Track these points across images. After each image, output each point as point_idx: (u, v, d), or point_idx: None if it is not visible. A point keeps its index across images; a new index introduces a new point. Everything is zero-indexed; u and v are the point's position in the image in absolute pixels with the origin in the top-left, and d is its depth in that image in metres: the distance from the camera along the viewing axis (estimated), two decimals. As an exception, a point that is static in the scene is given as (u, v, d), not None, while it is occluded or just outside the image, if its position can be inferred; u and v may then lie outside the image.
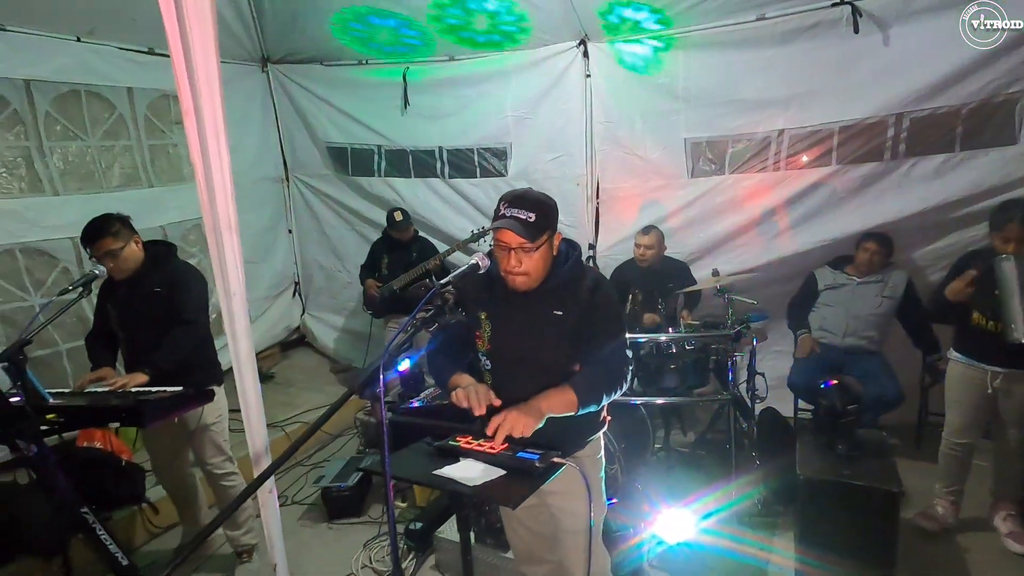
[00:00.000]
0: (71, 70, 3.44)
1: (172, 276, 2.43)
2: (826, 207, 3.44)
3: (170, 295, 2.39)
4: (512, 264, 1.52)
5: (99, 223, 2.33)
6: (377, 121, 4.42)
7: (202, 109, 1.17)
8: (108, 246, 2.30)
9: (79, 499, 2.13)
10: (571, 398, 1.50)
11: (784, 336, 3.68)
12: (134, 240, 2.38)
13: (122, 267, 2.35)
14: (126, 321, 2.45)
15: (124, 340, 2.50)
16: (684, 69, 3.51)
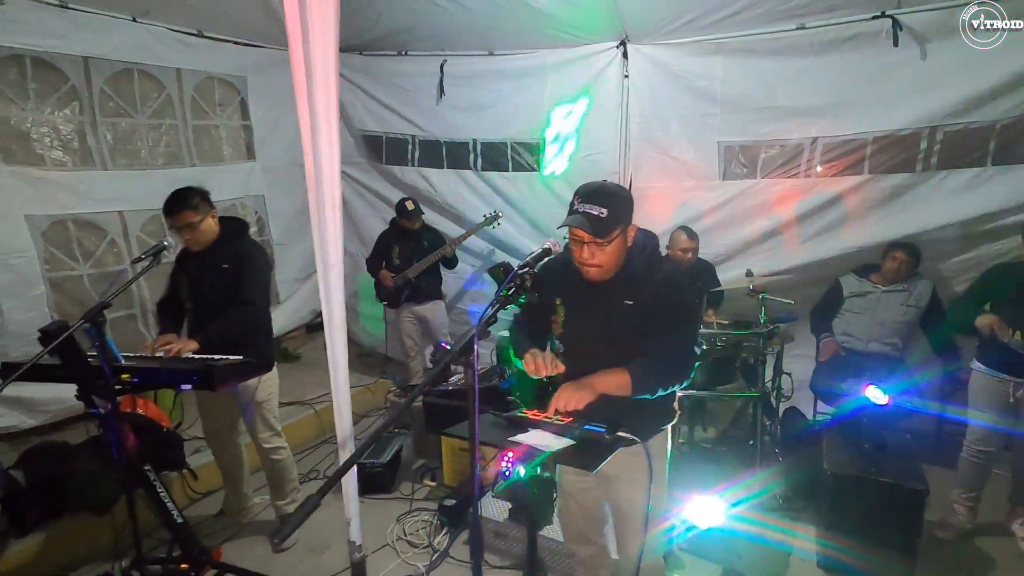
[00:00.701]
0: (126, 49, 3.56)
1: (240, 254, 2.53)
2: (855, 215, 3.51)
3: (236, 272, 2.49)
4: (585, 256, 1.58)
5: (181, 195, 2.43)
6: (413, 111, 4.51)
7: (315, 95, 1.25)
8: (188, 219, 2.41)
9: (143, 456, 2.24)
10: (625, 381, 1.56)
11: (806, 340, 3.74)
12: (211, 214, 2.49)
13: (198, 239, 2.46)
14: (193, 292, 2.57)
15: (190, 309, 2.62)
16: (722, 74, 3.58)
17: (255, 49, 4.34)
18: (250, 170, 4.45)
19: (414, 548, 2.73)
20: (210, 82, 4.16)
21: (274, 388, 2.72)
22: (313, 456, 3.67)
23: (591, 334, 1.68)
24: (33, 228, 3.18)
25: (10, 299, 3.14)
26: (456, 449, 3.18)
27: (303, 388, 4.23)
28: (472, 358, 1.20)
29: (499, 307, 1.35)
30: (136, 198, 3.69)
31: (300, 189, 4.86)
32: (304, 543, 2.80)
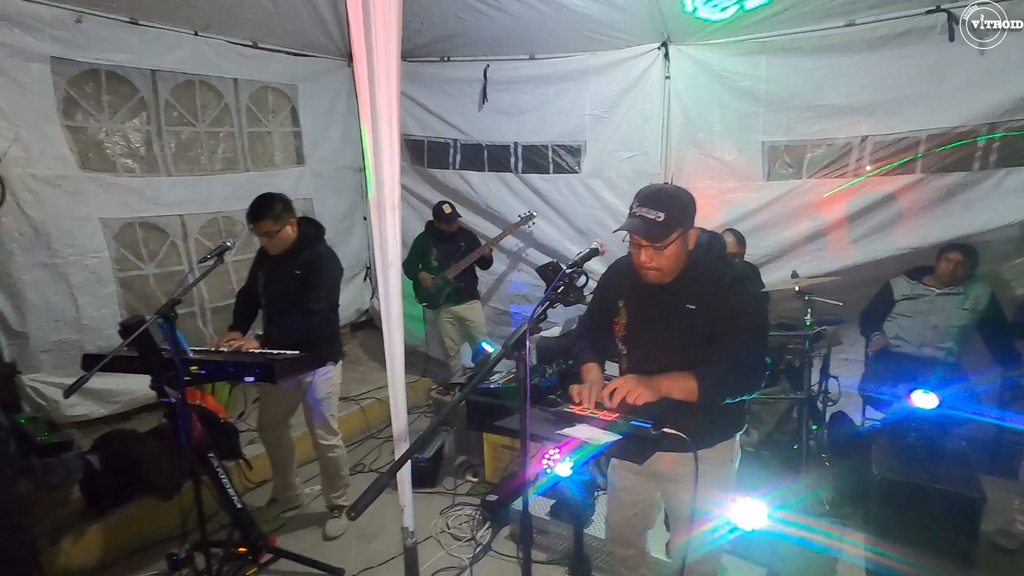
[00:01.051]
0: (189, 61, 3.76)
1: (312, 262, 2.65)
2: (907, 215, 3.41)
3: (306, 279, 2.62)
4: (643, 260, 1.58)
5: (265, 203, 2.57)
6: (455, 116, 4.61)
7: (378, 103, 1.33)
8: (268, 228, 2.56)
9: (208, 444, 2.39)
10: (692, 386, 1.55)
11: (853, 344, 3.67)
12: (290, 223, 2.63)
13: (276, 246, 2.62)
14: (268, 291, 2.74)
15: (264, 305, 2.79)
16: (767, 73, 3.54)
17: (305, 58, 4.52)
18: (300, 174, 4.64)
19: (458, 541, 2.81)
20: (264, 91, 4.35)
21: (335, 387, 2.85)
22: (359, 451, 3.79)
23: (652, 338, 1.67)
24: (107, 230, 3.41)
25: (85, 296, 3.37)
26: (497, 446, 3.24)
27: (348, 385, 4.36)
28: (524, 352, 1.26)
29: (548, 305, 1.40)
30: (195, 202, 3.90)
31: (345, 192, 5.13)
32: (354, 532, 2.92)
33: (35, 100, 3.06)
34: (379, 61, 1.30)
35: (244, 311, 2.84)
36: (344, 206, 5.14)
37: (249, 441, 3.47)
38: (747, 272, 1.79)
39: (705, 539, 1.86)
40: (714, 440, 1.72)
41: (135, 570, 2.67)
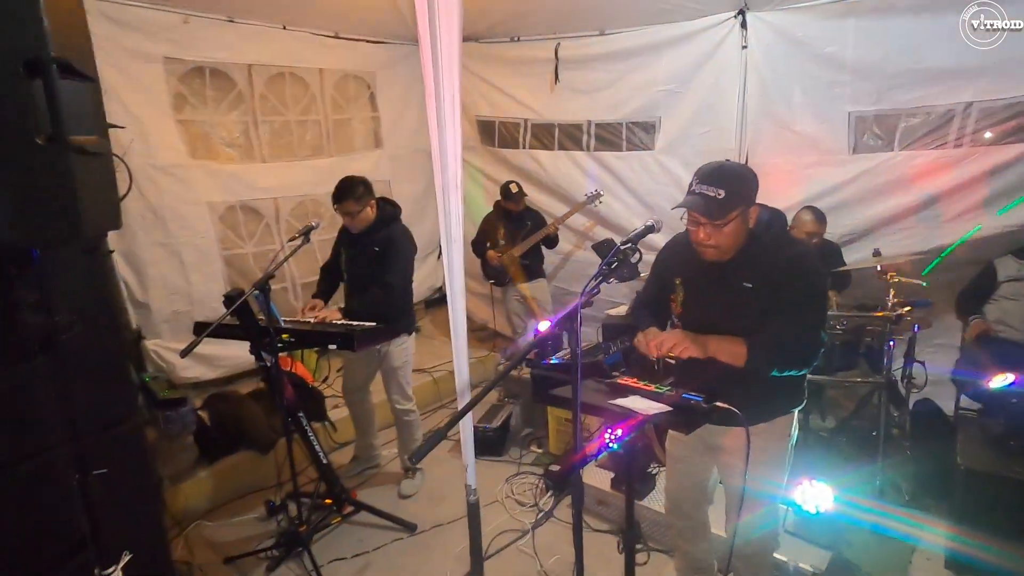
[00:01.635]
0: (279, 54, 4.06)
1: (389, 239, 2.88)
2: (1016, 189, 3.09)
3: (383, 256, 2.84)
4: (701, 237, 1.60)
5: (348, 186, 2.80)
6: (527, 95, 4.64)
7: (442, 87, 1.43)
8: (350, 208, 2.79)
9: (299, 404, 2.66)
10: (740, 351, 1.57)
11: (949, 329, 3.41)
12: (370, 204, 2.85)
13: (357, 225, 2.86)
14: (350, 266, 2.98)
15: (345, 280, 3.04)
16: (855, 38, 3.30)
17: (382, 46, 4.73)
18: (378, 158, 4.89)
19: (521, 507, 2.95)
20: (345, 79, 4.60)
21: (409, 357, 3.07)
22: (432, 419, 4.03)
23: (709, 316, 1.68)
24: (212, 213, 3.80)
25: (196, 272, 3.79)
26: (561, 419, 3.34)
27: (422, 358, 4.61)
28: (576, 324, 1.33)
29: (602, 279, 1.45)
30: (286, 186, 4.23)
31: (420, 174, 5.35)
32: (424, 494, 3.14)
33: (151, 97, 3.44)
34: (442, 45, 1.39)
35: (326, 283, 3.09)
36: (420, 187, 5.34)
37: (334, 406, 3.79)
38: (808, 250, 1.72)
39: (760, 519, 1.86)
40: (772, 415, 1.72)
41: (238, 513, 3.02)
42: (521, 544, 2.65)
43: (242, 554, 2.63)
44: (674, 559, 2.32)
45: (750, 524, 1.84)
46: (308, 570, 2.53)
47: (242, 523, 2.94)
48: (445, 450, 3.61)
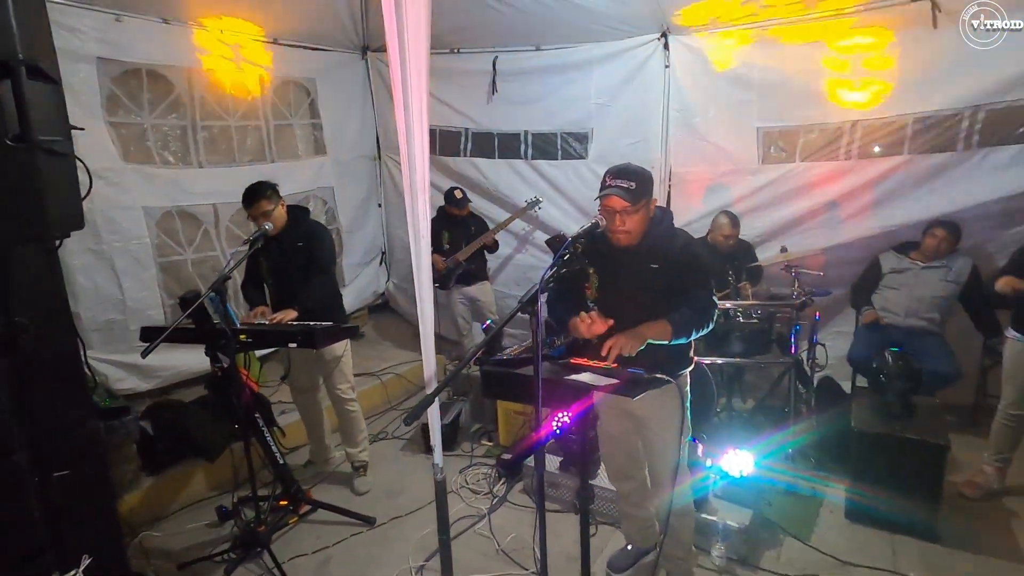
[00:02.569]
0: (218, 59, 4.00)
1: (310, 232, 2.95)
2: (895, 195, 3.60)
3: (308, 248, 2.91)
4: (617, 224, 1.91)
5: (257, 188, 2.84)
6: (466, 105, 4.81)
7: (410, 94, 1.57)
8: (264, 207, 2.81)
9: (254, 405, 2.68)
10: (667, 329, 1.89)
11: (846, 318, 3.90)
12: (281, 204, 2.90)
13: (274, 225, 2.87)
14: (275, 269, 2.99)
15: (272, 285, 3.05)
16: (761, 61, 3.74)
17: (322, 53, 4.76)
18: (321, 165, 4.89)
19: (476, 495, 3.09)
20: (286, 85, 4.59)
21: (348, 346, 3.14)
22: (381, 421, 4.09)
23: (623, 296, 2.00)
24: (148, 218, 3.69)
25: (129, 279, 3.65)
26: (511, 412, 3.52)
27: (369, 362, 4.68)
28: (537, 308, 1.52)
29: (557, 269, 1.66)
30: (226, 192, 4.16)
31: (363, 181, 5.37)
32: (381, 488, 3.22)
33: (82, 98, 3.31)
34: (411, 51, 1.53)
35: (254, 296, 3.08)
36: (362, 193, 5.39)
37: (280, 412, 3.77)
38: (693, 238, 2.10)
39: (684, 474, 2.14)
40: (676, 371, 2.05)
41: (188, 522, 2.97)
42: (478, 528, 2.80)
43: (197, 559, 2.61)
44: (622, 526, 2.55)
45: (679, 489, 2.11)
46: (268, 569, 2.55)
47: (194, 530, 2.89)
48: (396, 448, 3.71)
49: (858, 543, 2.55)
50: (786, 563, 2.45)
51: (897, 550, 2.50)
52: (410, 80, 1.57)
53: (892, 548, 2.51)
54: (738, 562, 2.45)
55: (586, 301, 2.10)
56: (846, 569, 2.41)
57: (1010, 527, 2.66)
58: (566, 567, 2.41)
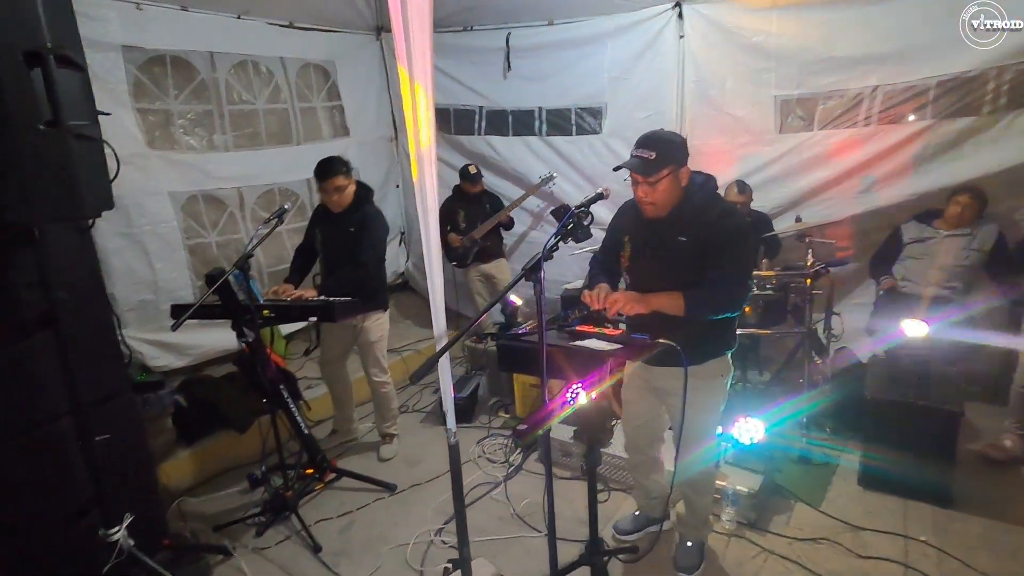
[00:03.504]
0: (240, 43, 4.09)
1: (363, 220, 3.02)
2: (918, 162, 3.52)
3: (359, 235, 2.98)
4: (640, 194, 1.87)
5: (330, 163, 2.91)
6: (480, 83, 4.82)
7: (414, 73, 1.62)
8: (339, 182, 2.90)
9: (279, 377, 2.81)
10: (679, 302, 1.82)
11: (866, 289, 3.85)
12: (353, 182, 2.97)
13: (341, 202, 2.97)
14: (326, 246, 3.10)
15: (322, 259, 3.16)
16: (777, 28, 3.65)
17: (339, 35, 4.80)
18: (346, 146, 4.98)
19: (492, 463, 3.20)
20: (306, 68, 4.66)
21: (384, 331, 3.24)
22: (402, 395, 4.20)
23: (650, 268, 1.95)
24: (175, 202, 3.83)
25: (160, 260, 3.81)
26: (526, 385, 3.60)
27: (389, 340, 4.75)
28: (540, 275, 1.57)
29: (560, 238, 1.70)
30: (251, 175, 4.28)
31: (383, 161, 5.43)
32: (402, 457, 3.35)
33: (109, 86, 3.43)
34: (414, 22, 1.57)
35: (300, 265, 3.21)
36: (381, 174, 5.46)
37: (306, 387, 3.92)
38: (735, 208, 1.98)
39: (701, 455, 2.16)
40: (706, 357, 1.99)
41: (221, 488, 3.14)
42: (494, 494, 2.90)
43: (230, 522, 2.77)
44: (632, 494, 2.62)
45: (694, 459, 2.14)
46: (295, 531, 2.70)
47: (226, 496, 3.06)
48: (417, 421, 3.83)
49: (870, 508, 2.57)
50: (795, 527, 2.49)
51: (909, 515, 2.52)
52: (415, 59, 1.61)
53: (904, 513, 2.53)
54: (747, 526, 2.49)
55: (620, 269, 2.10)
56: (856, 533, 2.43)
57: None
58: (576, 529, 2.50)
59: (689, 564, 2.27)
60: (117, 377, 2.18)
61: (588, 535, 2.02)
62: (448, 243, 4.46)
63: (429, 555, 2.51)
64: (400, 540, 2.61)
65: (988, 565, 2.21)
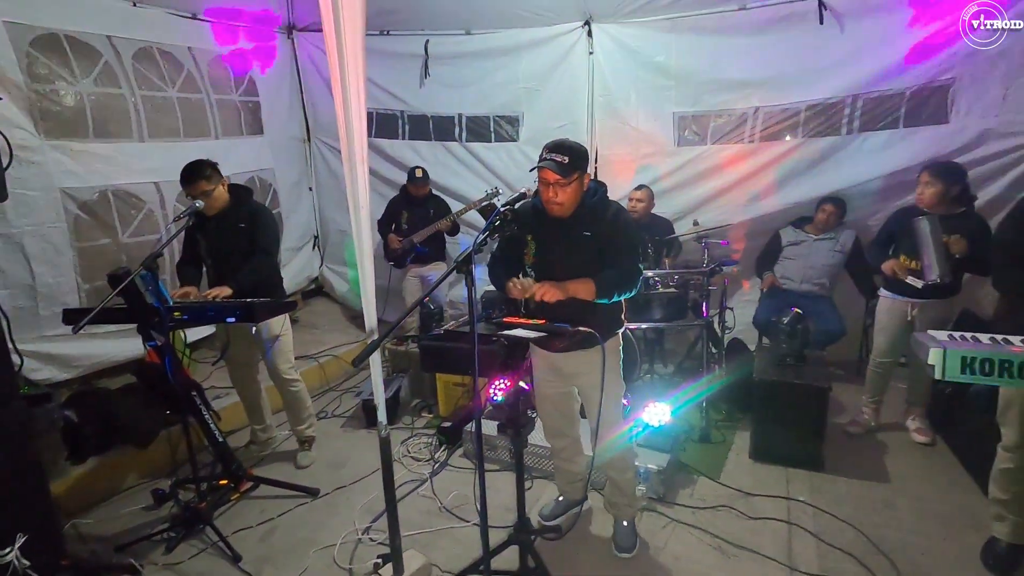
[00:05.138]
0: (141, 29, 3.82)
1: (253, 214, 2.93)
2: (792, 175, 4.02)
3: (252, 229, 2.89)
4: (550, 195, 2.05)
5: (195, 168, 2.79)
6: (400, 88, 4.85)
7: (347, 71, 1.65)
8: (203, 187, 2.77)
9: (192, 383, 2.67)
10: (591, 288, 2.04)
11: (753, 287, 4.31)
12: (222, 183, 2.87)
13: (212, 206, 2.84)
14: (214, 249, 2.95)
15: (212, 265, 3.00)
16: (675, 50, 4.04)
17: (246, 30, 4.62)
18: (261, 145, 4.79)
19: (418, 462, 3.22)
20: (218, 60, 4.43)
21: (288, 328, 3.14)
22: (321, 401, 4.11)
23: (557, 261, 2.14)
24: (67, 199, 3.48)
25: (41, 264, 3.46)
26: (449, 384, 3.66)
27: (305, 346, 4.66)
28: (470, 268, 1.67)
29: (488, 234, 1.81)
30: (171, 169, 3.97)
31: (295, 163, 5.26)
32: (324, 462, 3.28)
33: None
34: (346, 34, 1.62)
35: (188, 276, 3.00)
36: (294, 176, 5.31)
37: (214, 396, 3.73)
38: (623, 208, 2.26)
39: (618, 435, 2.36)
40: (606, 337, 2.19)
41: (121, 508, 2.91)
42: (421, 491, 2.93)
43: (135, 540, 2.59)
44: (554, 480, 2.77)
45: (612, 439, 2.33)
46: (212, 543, 2.57)
47: (129, 515, 2.85)
48: (338, 426, 3.76)
49: (760, 477, 2.91)
50: (699, 498, 2.76)
51: (791, 480, 2.88)
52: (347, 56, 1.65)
53: (787, 479, 2.89)
54: (657, 500, 2.73)
55: (524, 266, 2.25)
56: (748, 499, 2.74)
57: (880, 456, 3.11)
58: (503, 516, 2.60)
59: (628, 544, 2.44)
60: (5, 384, 1.99)
61: (516, 519, 2.13)
62: (387, 243, 4.42)
63: (358, 553, 2.50)
64: (327, 542, 2.57)
65: (852, 516, 2.59)
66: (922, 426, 3.24)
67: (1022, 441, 2.09)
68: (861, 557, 2.33)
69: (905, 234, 3.03)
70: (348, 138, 1.71)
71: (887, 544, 2.40)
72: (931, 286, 2.89)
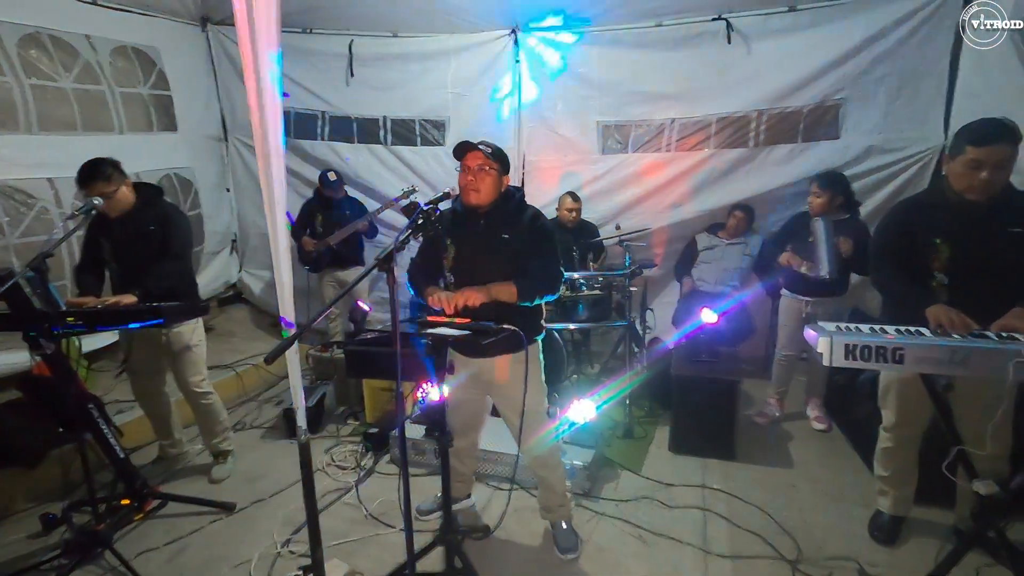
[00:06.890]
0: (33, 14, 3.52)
1: (163, 215, 2.74)
2: (706, 183, 4.27)
3: (162, 232, 2.70)
4: (469, 180, 2.09)
5: (93, 167, 2.56)
6: (322, 88, 4.73)
7: (261, 66, 1.59)
8: (101, 190, 2.55)
9: (88, 396, 2.46)
10: (513, 290, 2.08)
11: (672, 290, 4.53)
12: (125, 183, 2.66)
13: (115, 207, 2.63)
14: (120, 253, 2.73)
15: (117, 270, 2.77)
16: (598, 62, 4.20)
17: (161, 21, 4.36)
18: (175, 142, 4.50)
19: (343, 470, 3.13)
20: (123, 51, 4.13)
21: (203, 336, 2.95)
22: (237, 412, 3.90)
23: (477, 264, 2.16)
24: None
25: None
26: (376, 390, 3.58)
27: (222, 355, 4.42)
28: (392, 266, 1.65)
29: (411, 232, 1.80)
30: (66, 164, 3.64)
31: (215, 162, 5.00)
32: (240, 475, 3.11)
33: None
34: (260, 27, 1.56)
35: (90, 283, 2.76)
36: (212, 177, 5.03)
37: (117, 411, 3.45)
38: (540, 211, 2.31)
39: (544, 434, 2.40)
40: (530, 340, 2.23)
41: (5, 536, 2.63)
42: (347, 499, 2.84)
43: (21, 570, 2.34)
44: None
45: (539, 439, 2.37)
46: (112, 568, 2.37)
47: (13, 544, 2.57)
48: (257, 437, 3.59)
49: (678, 468, 3.06)
50: (622, 492, 2.86)
51: (706, 469, 3.05)
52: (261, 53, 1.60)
53: (703, 469, 3.06)
54: (583, 495, 2.80)
55: (444, 270, 2.25)
56: (668, 490, 2.87)
57: (784, 443, 3.36)
58: (432, 520, 2.57)
59: (570, 544, 2.45)
60: None
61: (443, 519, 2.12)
62: (302, 246, 4.26)
63: (276, 567, 2.39)
64: (243, 558, 2.44)
65: (760, 500, 2.78)
66: (820, 414, 3.53)
67: (900, 421, 2.33)
68: (768, 537, 2.50)
69: (800, 235, 3.31)
70: (263, 128, 1.65)
71: (790, 523, 2.59)
72: (823, 280, 3.16)
